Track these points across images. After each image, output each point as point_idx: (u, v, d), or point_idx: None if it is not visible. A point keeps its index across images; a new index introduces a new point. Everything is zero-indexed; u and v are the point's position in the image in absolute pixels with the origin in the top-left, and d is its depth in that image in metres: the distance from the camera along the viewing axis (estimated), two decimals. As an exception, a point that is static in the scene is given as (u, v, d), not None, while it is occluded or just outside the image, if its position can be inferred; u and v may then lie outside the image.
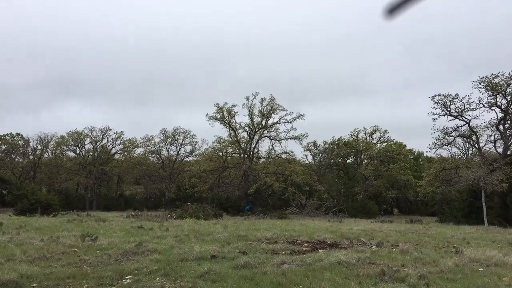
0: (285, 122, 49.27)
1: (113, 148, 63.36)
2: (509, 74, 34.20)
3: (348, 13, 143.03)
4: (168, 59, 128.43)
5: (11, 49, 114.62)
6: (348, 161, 60.80)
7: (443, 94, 36.73)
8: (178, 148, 62.20)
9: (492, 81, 34.67)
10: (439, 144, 38.84)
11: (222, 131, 60.13)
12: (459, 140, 43.79)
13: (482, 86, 35.24)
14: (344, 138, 59.60)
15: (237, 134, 50.94)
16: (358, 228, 19.37)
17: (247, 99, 49.06)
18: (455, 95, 36.51)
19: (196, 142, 61.93)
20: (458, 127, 37.94)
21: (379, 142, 60.88)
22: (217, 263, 9.01)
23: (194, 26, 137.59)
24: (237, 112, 49.89)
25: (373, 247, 12.01)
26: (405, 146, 63.57)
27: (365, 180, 54.73)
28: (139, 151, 64.90)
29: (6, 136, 59.50)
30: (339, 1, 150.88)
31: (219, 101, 64.27)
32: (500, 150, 36.93)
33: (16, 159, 61.84)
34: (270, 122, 49.92)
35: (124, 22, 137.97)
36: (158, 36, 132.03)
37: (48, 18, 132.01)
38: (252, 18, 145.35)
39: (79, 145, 61.82)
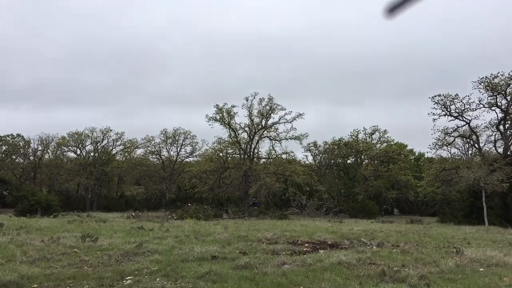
0: (284, 122, 49.14)
1: (114, 149, 63.45)
2: (509, 74, 34.24)
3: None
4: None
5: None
6: (348, 161, 60.83)
7: (443, 95, 36.77)
8: (178, 149, 62.25)
9: (492, 81, 34.67)
10: (439, 144, 38.85)
11: (222, 132, 60.18)
12: (459, 141, 43.84)
13: (482, 87, 35.26)
14: (344, 139, 59.66)
15: (237, 134, 50.85)
16: (358, 228, 19.37)
17: (246, 99, 49.01)
18: (455, 95, 36.56)
19: (197, 142, 61.97)
20: (458, 127, 37.97)
21: (379, 143, 60.92)
22: (217, 263, 9.01)
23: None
24: (236, 112, 49.83)
25: (374, 247, 12.00)
26: (406, 146, 63.58)
27: (365, 180, 54.70)
28: (139, 151, 64.97)
29: (7, 137, 59.56)
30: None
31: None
32: (500, 150, 36.93)
33: (17, 160, 61.90)
34: (269, 122, 49.82)
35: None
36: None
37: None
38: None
39: (80, 146, 61.87)
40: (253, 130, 50.13)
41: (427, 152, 62.16)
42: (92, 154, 62.39)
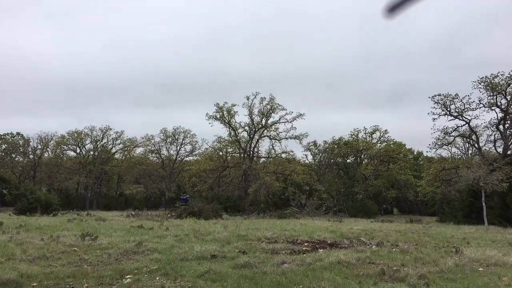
0: (285, 122, 49.26)
1: (113, 148, 63.50)
2: (509, 74, 34.26)
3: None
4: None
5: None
6: (348, 160, 60.89)
7: (443, 94, 36.82)
8: (178, 148, 62.34)
9: (492, 81, 34.69)
10: (439, 144, 38.89)
11: (223, 131, 60.27)
12: (459, 140, 43.84)
13: (482, 86, 35.28)
14: (344, 138, 59.68)
15: (237, 133, 50.93)
16: (358, 227, 19.35)
17: (247, 98, 49.08)
18: (455, 95, 36.61)
19: (196, 141, 62.06)
20: (458, 127, 38.03)
21: (379, 142, 60.95)
22: (217, 262, 9.01)
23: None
24: (237, 111, 49.91)
25: (373, 246, 12.00)
26: (404, 145, 63.67)
27: (365, 179, 54.74)
28: (139, 150, 65.04)
29: (6, 136, 59.56)
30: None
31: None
32: (500, 150, 36.94)
33: (16, 158, 61.93)
34: (270, 121, 49.91)
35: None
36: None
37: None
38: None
39: (79, 145, 61.90)
40: (253, 129, 50.16)
41: (426, 152, 62.38)
42: (91, 152, 62.44)
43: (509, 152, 35.10)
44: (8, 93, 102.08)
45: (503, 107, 35.58)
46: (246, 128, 50.55)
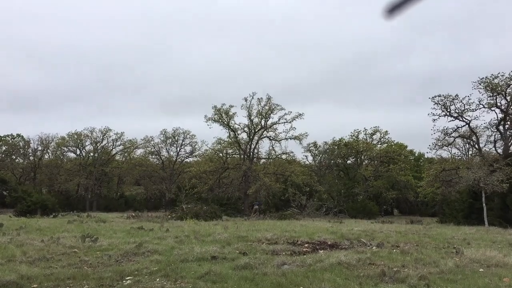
0: (284, 122, 49.23)
1: (113, 149, 63.42)
2: (509, 74, 34.26)
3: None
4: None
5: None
6: (348, 161, 60.86)
7: (443, 95, 36.78)
8: (178, 149, 62.25)
9: (492, 81, 34.68)
10: (439, 144, 38.86)
11: (222, 132, 60.31)
12: (459, 141, 43.82)
13: (482, 87, 35.26)
14: (344, 139, 59.67)
15: (236, 135, 50.93)
16: (358, 228, 19.34)
17: (245, 100, 49.09)
18: (455, 95, 36.57)
19: (196, 142, 61.95)
20: (458, 127, 37.98)
21: (379, 143, 60.93)
22: (217, 264, 9.01)
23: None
24: (235, 113, 49.89)
25: (374, 247, 12.00)
26: (406, 147, 63.65)
27: (365, 180, 54.72)
28: (139, 152, 64.97)
29: (7, 137, 59.58)
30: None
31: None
32: (500, 150, 36.94)
33: (17, 160, 61.92)
34: (269, 122, 49.90)
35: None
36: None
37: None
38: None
39: (80, 146, 61.85)
40: (253, 130, 50.16)
41: (427, 152, 62.37)
42: (91, 154, 62.37)
43: (509, 153, 35.07)
44: None
45: (503, 107, 35.58)
46: (246, 129, 50.59)
